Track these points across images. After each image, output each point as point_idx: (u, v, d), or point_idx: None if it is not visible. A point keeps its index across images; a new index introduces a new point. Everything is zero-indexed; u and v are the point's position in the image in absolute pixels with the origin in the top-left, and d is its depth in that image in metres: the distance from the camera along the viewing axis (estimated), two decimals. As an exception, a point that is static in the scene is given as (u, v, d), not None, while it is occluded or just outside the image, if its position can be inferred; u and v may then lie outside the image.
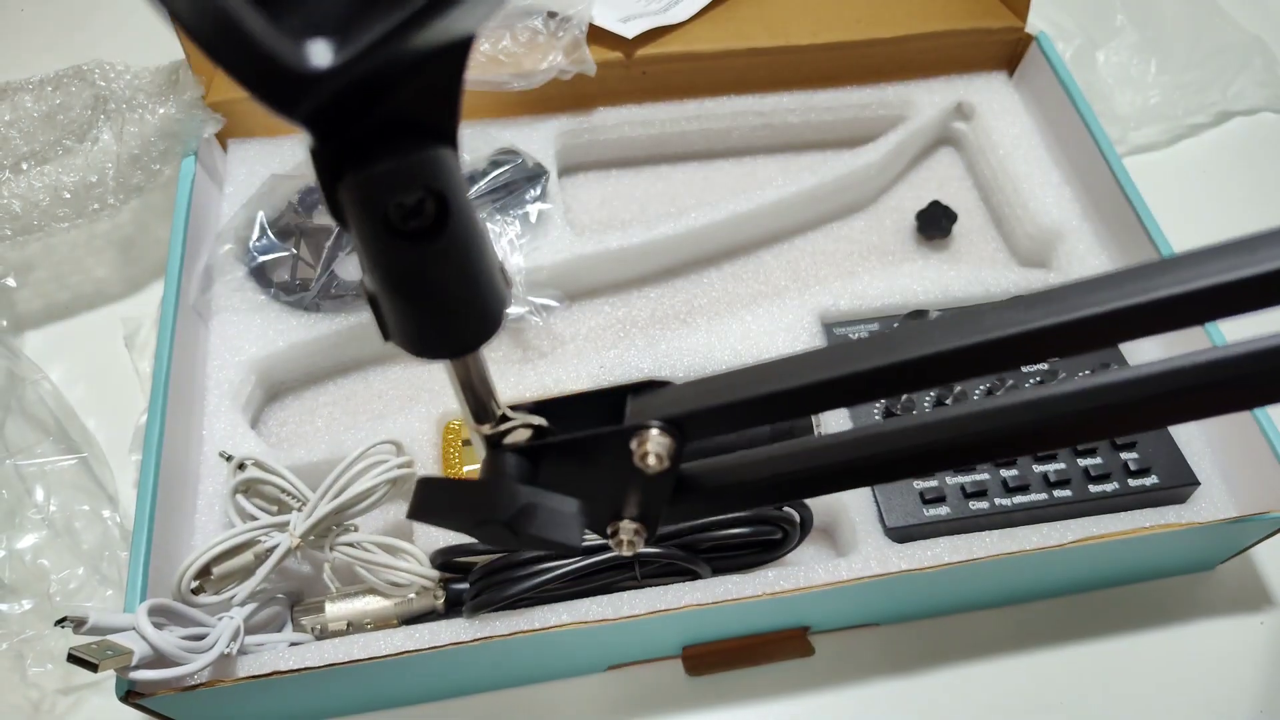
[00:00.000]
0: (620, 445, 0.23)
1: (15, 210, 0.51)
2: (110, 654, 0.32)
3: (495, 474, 0.24)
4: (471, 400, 0.23)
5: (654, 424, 0.22)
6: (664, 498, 0.24)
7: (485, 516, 0.23)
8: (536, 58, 0.55)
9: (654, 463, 0.22)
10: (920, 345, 0.20)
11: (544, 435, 0.24)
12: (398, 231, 0.17)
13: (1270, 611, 0.47)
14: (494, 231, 0.52)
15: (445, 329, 0.20)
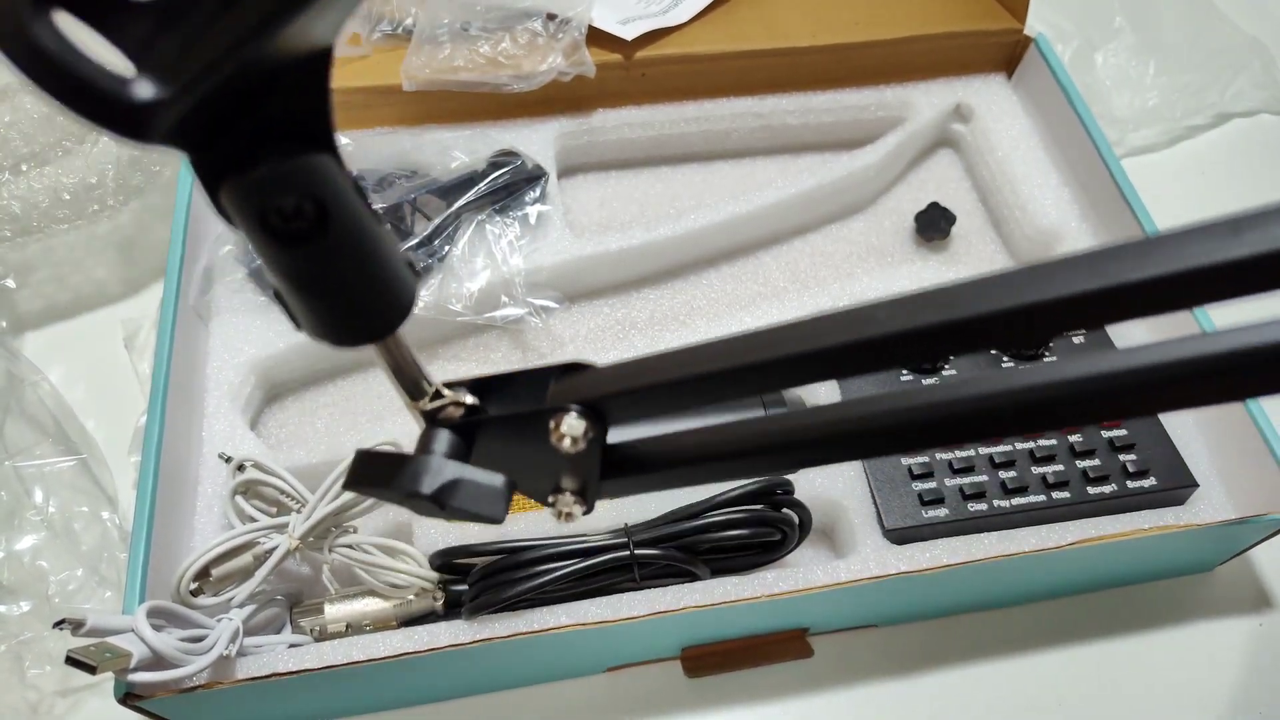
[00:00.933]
0: (541, 425, 0.23)
1: (15, 211, 0.51)
2: (109, 656, 0.32)
3: (424, 449, 0.25)
4: (401, 379, 0.24)
5: (572, 407, 0.23)
6: (593, 474, 0.25)
7: (410, 489, 0.24)
8: (536, 59, 0.55)
9: (569, 445, 0.23)
10: (858, 328, 0.19)
11: (475, 413, 0.25)
12: (280, 234, 0.18)
13: (1269, 613, 0.47)
14: (493, 233, 0.52)
15: (347, 320, 0.21)
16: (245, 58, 0.16)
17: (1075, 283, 0.17)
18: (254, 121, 0.17)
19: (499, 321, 0.50)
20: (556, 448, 0.23)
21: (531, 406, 0.24)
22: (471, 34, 0.56)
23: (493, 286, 0.50)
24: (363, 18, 0.57)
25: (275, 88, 0.17)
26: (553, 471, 0.25)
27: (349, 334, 0.22)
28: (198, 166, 0.18)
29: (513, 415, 0.24)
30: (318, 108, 0.18)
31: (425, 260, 0.51)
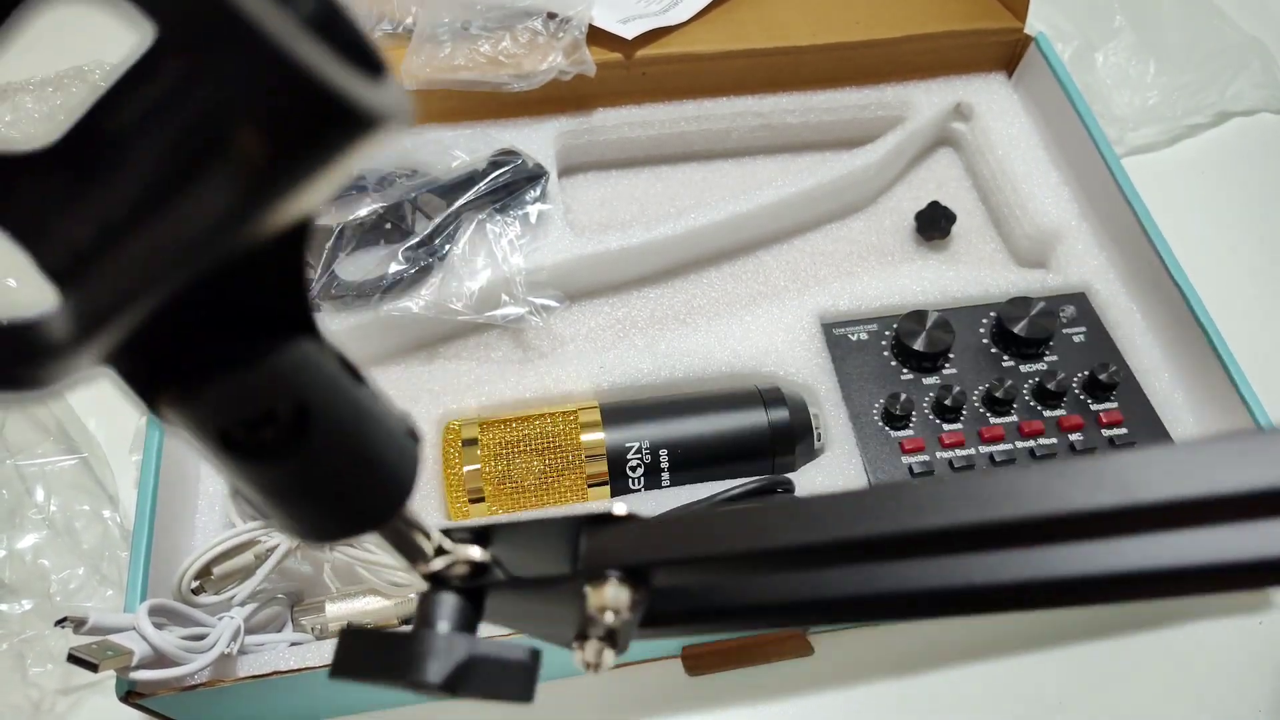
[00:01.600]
0: (574, 590, 0.20)
1: (16, 211, 0.51)
2: (110, 654, 0.32)
3: (426, 621, 0.21)
4: (402, 553, 0.20)
5: (612, 574, 0.19)
6: (629, 635, 0.20)
7: (415, 678, 0.20)
8: (536, 59, 0.55)
9: (611, 620, 0.19)
10: (925, 515, 0.16)
11: (485, 572, 0.21)
12: (247, 449, 0.14)
13: (1269, 612, 0.47)
14: (494, 232, 0.52)
15: (340, 518, 0.17)
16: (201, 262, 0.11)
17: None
18: (208, 324, 0.13)
19: (499, 320, 0.50)
20: (595, 618, 0.19)
21: (558, 569, 0.20)
22: (472, 33, 0.56)
23: (493, 285, 0.50)
24: (363, 17, 0.58)
25: (239, 278, 0.13)
26: (575, 627, 0.21)
27: (342, 530, 0.18)
28: (126, 378, 0.14)
29: (537, 579, 0.21)
30: (292, 286, 0.14)
31: (426, 259, 0.51)
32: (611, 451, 0.43)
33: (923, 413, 0.46)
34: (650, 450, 0.43)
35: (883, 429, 0.45)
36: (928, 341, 0.47)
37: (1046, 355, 0.48)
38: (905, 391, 0.46)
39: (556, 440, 0.43)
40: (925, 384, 0.47)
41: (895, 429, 0.45)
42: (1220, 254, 0.62)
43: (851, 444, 0.45)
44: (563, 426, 0.43)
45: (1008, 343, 0.48)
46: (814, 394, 0.47)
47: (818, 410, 0.46)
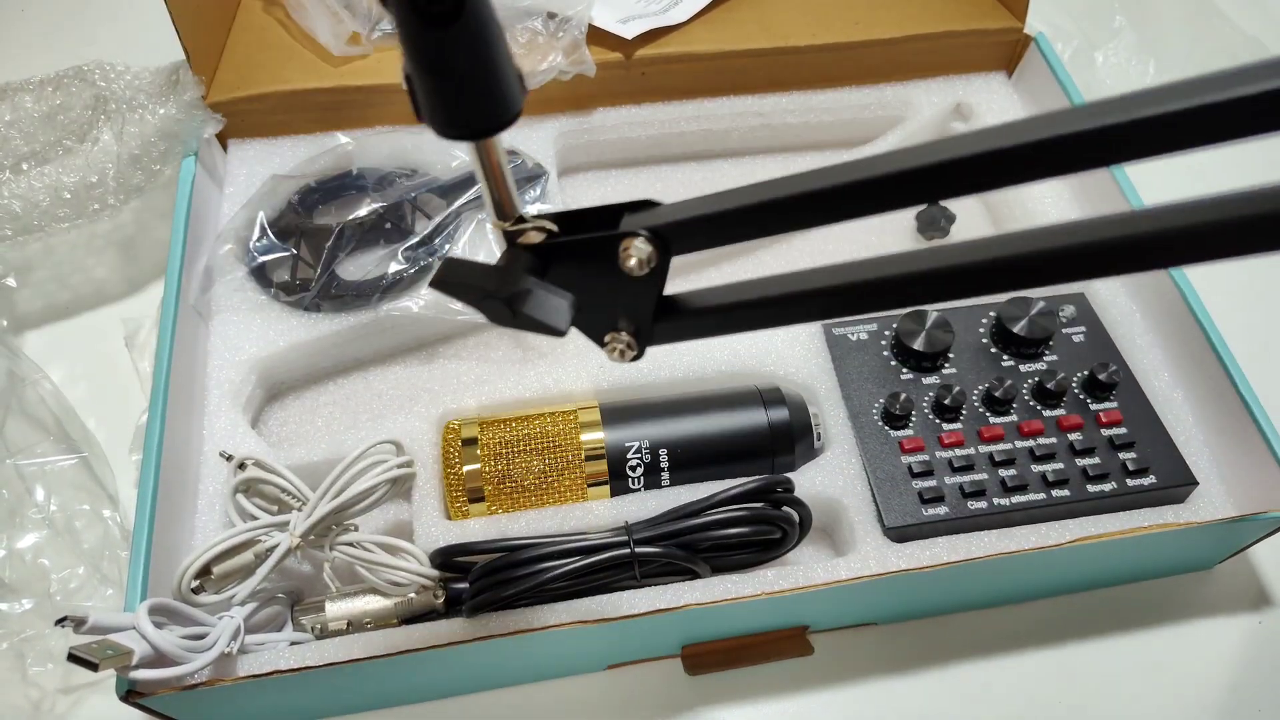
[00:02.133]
0: (611, 250, 0.26)
1: (15, 210, 0.51)
2: (110, 653, 0.32)
3: (507, 263, 0.28)
4: (493, 192, 0.27)
5: (640, 232, 0.26)
6: (650, 308, 0.28)
7: (489, 292, 0.27)
8: (536, 58, 0.55)
9: (635, 266, 0.26)
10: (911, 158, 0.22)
11: (552, 239, 0.28)
12: (421, 12, 0.22)
13: (1268, 611, 0.47)
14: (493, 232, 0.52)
15: (464, 107, 0.24)
16: None
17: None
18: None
19: (499, 320, 0.50)
20: (624, 270, 0.26)
21: (600, 232, 0.27)
22: (472, 33, 0.56)
23: (493, 285, 0.50)
24: (363, 17, 0.58)
25: None
26: (611, 304, 0.28)
27: (462, 122, 0.24)
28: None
29: (587, 239, 0.27)
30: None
31: (426, 259, 0.51)
32: (611, 451, 0.43)
33: (922, 412, 0.46)
34: (650, 450, 0.43)
35: (882, 428, 0.45)
36: (927, 341, 0.47)
37: (1046, 355, 0.48)
38: (905, 391, 0.46)
39: (556, 440, 0.43)
40: (925, 384, 0.47)
41: (895, 428, 0.45)
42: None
43: (851, 443, 0.45)
44: (562, 426, 0.43)
45: (1007, 342, 0.48)
46: (814, 393, 0.47)
47: (817, 410, 0.46)
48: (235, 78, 0.56)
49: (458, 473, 0.42)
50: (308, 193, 0.53)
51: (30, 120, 0.54)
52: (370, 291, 0.50)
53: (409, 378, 0.52)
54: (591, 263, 0.27)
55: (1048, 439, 0.45)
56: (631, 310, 0.28)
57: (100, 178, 0.52)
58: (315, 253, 0.50)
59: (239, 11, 0.60)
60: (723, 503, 0.40)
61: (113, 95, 0.53)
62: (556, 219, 0.28)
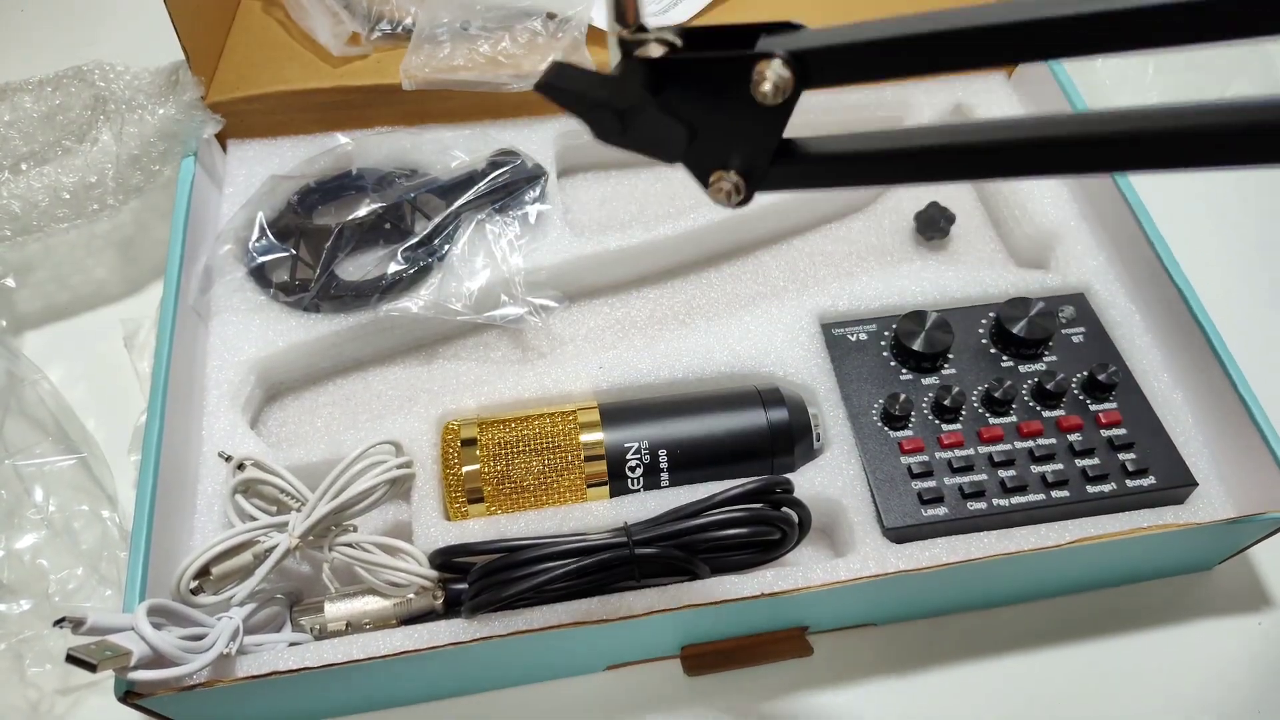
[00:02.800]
0: (741, 72, 0.23)
1: (15, 211, 0.51)
2: (109, 654, 0.32)
3: (624, 72, 0.25)
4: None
5: (779, 53, 0.23)
6: (770, 145, 0.25)
7: (605, 100, 0.25)
8: (536, 59, 0.55)
9: (769, 91, 0.23)
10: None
11: (675, 53, 0.25)
12: None
13: (1268, 612, 0.47)
14: (493, 232, 0.52)
15: None
16: None
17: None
18: None
19: (499, 321, 0.50)
20: (754, 97, 0.23)
21: (732, 51, 0.24)
22: (471, 33, 0.56)
23: (492, 286, 0.50)
24: (362, 17, 0.58)
25: None
26: (726, 139, 0.25)
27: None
28: None
29: (714, 58, 0.24)
30: None
31: (425, 259, 0.51)
32: (611, 452, 0.43)
33: (922, 413, 0.46)
34: (649, 450, 0.43)
35: (882, 429, 0.45)
36: (927, 342, 0.47)
37: (1045, 355, 0.48)
38: (904, 392, 0.46)
39: (556, 440, 0.43)
40: (924, 384, 0.47)
41: (894, 429, 0.45)
42: (1219, 254, 0.62)
43: (851, 444, 0.45)
44: (562, 427, 0.43)
45: (1007, 343, 0.48)
46: (813, 394, 0.47)
47: (817, 410, 0.46)
48: (235, 78, 0.56)
49: (457, 473, 0.42)
50: (307, 193, 0.53)
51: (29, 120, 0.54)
52: (369, 292, 0.49)
53: (408, 378, 0.52)
54: (716, 86, 0.24)
55: (1047, 440, 0.45)
56: (748, 147, 0.25)
57: (99, 178, 0.52)
58: (314, 253, 0.50)
59: (239, 12, 0.60)
60: (722, 503, 0.40)
61: (112, 95, 0.53)
62: (683, 34, 0.25)
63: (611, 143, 0.26)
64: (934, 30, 0.21)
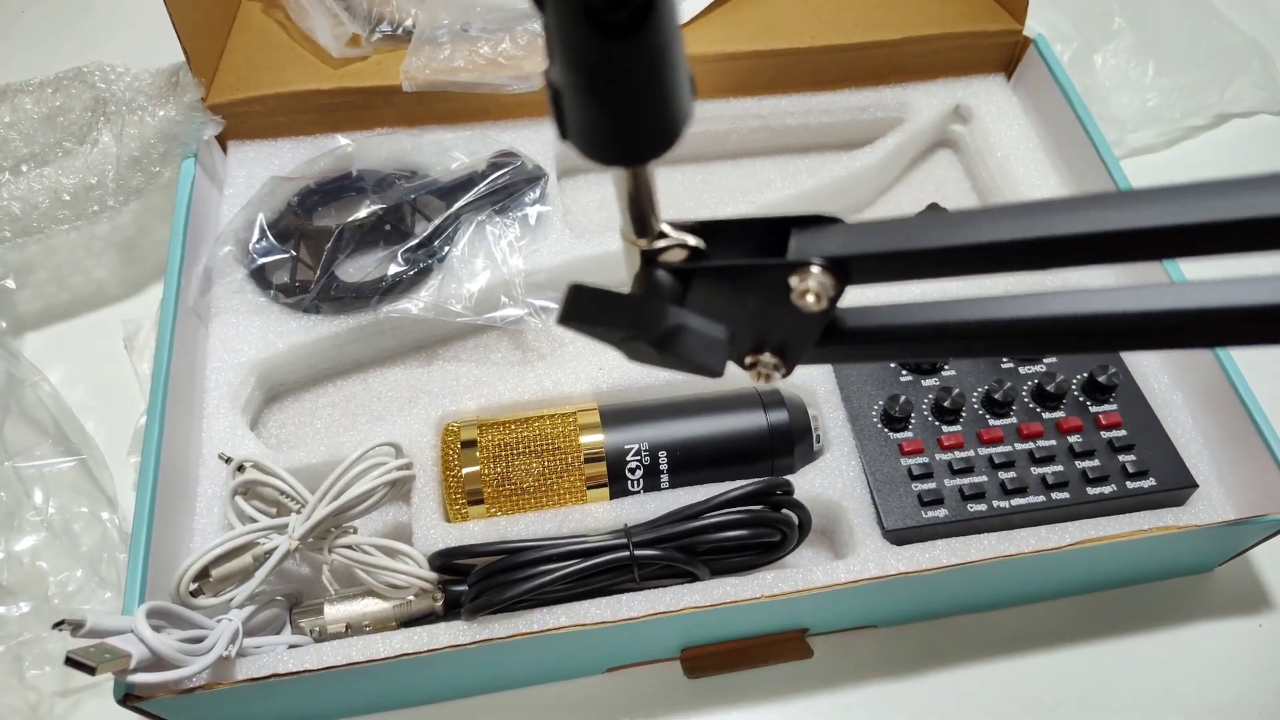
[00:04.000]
0: (778, 279, 0.22)
1: (15, 212, 0.51)
2: (108, 656, 0.32)
3: (647, 290, 0.24)
4: (634, 212, 0.23)
5: (817, 261, 0.22)
6: (812, 337, 0.24)
7: (634, 333, 0.23)
8: (536, 60, 0.55)
9: (812, 302, 0.22)
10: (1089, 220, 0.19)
11: (700, 258, 0.24)
12: (598, 20, 0.17)
13: (1268, 614, 0.47)
14: (493, 234, 0.52)
15: (625, 132, 0.20)
16: None
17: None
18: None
19: (499, 322, 0.50)
20: (796, 304, 0.22)
21: (765, 258, 0.23)
22: (471, 35, 0.56)
23: (492, 287, 0.50)
24: (362, 19, 0.58)
25: None
26: (764, 329, 0.24)
27: (620, 148, 0.20)
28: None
29: (746, 265, 0.23)
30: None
31: (425, 261, 0.51)
32: (611, 453, 0.43)
33: (922, 414, 0.46)
34: (649, 452, 0.43)
35: (882, 431, 0.45)
36: (927, 343, 0.47)
37: (1045, 357, 0.48)
38: (904, 393, 0.46)
39: (555, 442, 0.43)
40: (924, 386, 0.47)
41: (894, 431, 0.45)
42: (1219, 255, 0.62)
43: (850, 446, 0.45)
44: (562, 428, 0.43)
45: (1007, 344, 0.48)
46: (813, 396, 0.47)
47: (817, 412, 0.46)
48: (235, 79, 0.56)
49: (457, 475, 0.42)
50: (307, 194, 0.53)
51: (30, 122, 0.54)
52: (369, 293, 0.49)
53: (408, 380, 0.52)
54: (749, 290, 0.23)
55: (1047, 441, 0.45)
56: (788, 335, 0.24)
57: (100, 179, 0.52)
58: (315, 254, 0.50)
59: (239, 13, 0.60)
60: (722, 505, 0.40)
61: (112, 97, 0.53)
62: (702, 232, 0.24)
63: (645, 363, 0.24)
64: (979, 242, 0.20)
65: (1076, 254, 0.20)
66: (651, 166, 0.22)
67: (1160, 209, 0.19)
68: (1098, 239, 0.19)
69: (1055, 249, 0.20)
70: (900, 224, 0.22)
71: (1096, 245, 0.19)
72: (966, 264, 0.21)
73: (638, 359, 0.24)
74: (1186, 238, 0.19)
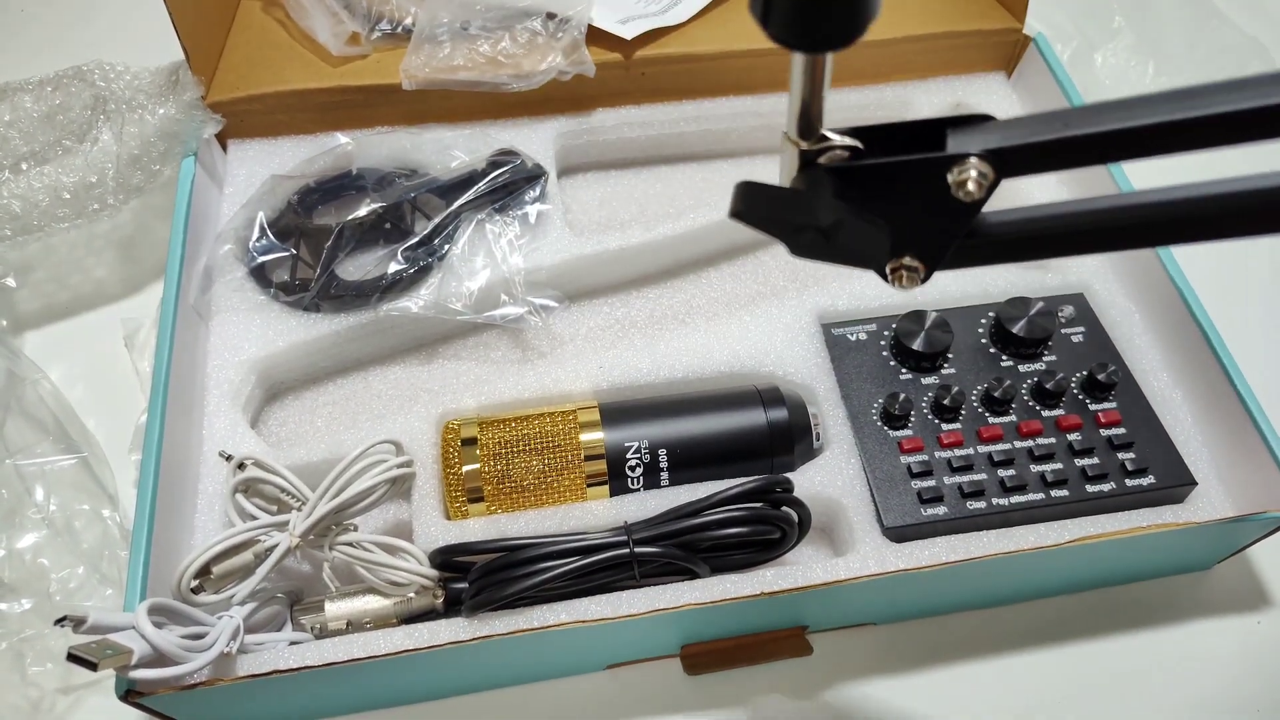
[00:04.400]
0: (936, 173, 0.23)
1: (15, 210, 0.51)
2: (110, 653, 0.32)
3: (813, 186, 0.25)
4: (803, 108, 0.24)
5: (975, 153, 0.23)
6: (959, 233, 0.25)
7: (808, 221, 0.25)
8: (536, 59, 0.55)
9: (974, 190, 0.23)
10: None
11: (859, 157, 0.25)
12: None
13: (1267, 611, 0.47)
14: (493, 232, 0.52)
15: (819, 11, 0.21)
16: None
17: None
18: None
19: (499, 320, 0.50)
20: (954, 198, 0.24)
21: (925, 153, 0.24)
22: (471, 33, 0.56)
23: (492, 285, 0.50)
24: (362, 17, 0.58)
25: None
26: (911, 231, 0.25)
27: (810, 29, 0.22)
28: None
29: (905, 161, 0.24)
30: None
31: (425, 259, 0.51)
32: (611, 451, 0.43)
33: (921, 412, 0.46)
34: (649, 450, 0.43)
35: (881, 429, 0.45)
36: (926, 341, 0.47)
37: (1045, 355, 0.48)
38: (904, 391, 0.46)
39: (556, 440, 0.43)
40: (924, 384, 0.47)
41: (894, 429, 0.45)
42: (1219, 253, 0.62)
43: (850, 444, 0.45)
44: (562, 426, 0.43)
45: (1006, 342, 0.48)
46: (813, 394, 0.47)
47: (816, 410, 0.46)
48: (235, 78, 0.56)
49: (457, 473, 0.43)
50: (307, 193, 0.53)
51: (30, 120, 0.54)
52: (370, 292, 0.50)
53: (408, 378, 0.52)
54: (907, 187, 0.24)
55: (1047, 439, 0.45)
56: (935, 235, 0.26)
57: (100, 178, 0.52)
58: (315, 253, 0.50)
59: (239, 12, 0.60)
60: (722, 503, 0.40)
61: (112, 95, 0.53)
62: (860, 135, 0.25)
63: (812, 258, 0.25)
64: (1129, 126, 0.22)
65: (1236, 132, 0.21)
66: (829, 64, 0.23)
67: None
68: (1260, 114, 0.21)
69: (1214, 127, 0.22)
70: (1056, 115, 0.23)
71: (1258, 121, 0.21)
72: (1123, 149, 0.22)
73: (803, 254, 0.26)
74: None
